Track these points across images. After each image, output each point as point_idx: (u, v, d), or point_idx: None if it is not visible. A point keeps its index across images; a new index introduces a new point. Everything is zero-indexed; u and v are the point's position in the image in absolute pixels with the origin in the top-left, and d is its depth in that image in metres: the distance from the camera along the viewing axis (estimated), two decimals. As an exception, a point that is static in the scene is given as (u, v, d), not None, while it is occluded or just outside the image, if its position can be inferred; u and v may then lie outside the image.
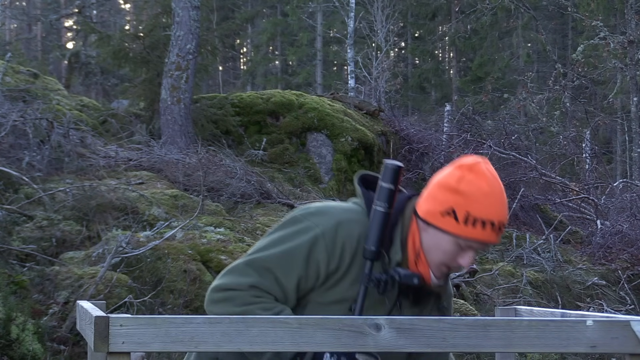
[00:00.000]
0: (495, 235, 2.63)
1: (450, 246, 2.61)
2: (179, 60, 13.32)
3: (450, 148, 14.48)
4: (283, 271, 2.59)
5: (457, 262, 2.64)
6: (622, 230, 12.11)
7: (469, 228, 2.59)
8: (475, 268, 9.81)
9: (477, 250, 2.65)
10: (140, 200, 9.13)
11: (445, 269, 2.66)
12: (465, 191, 2.60)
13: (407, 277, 2.58)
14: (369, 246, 2.57)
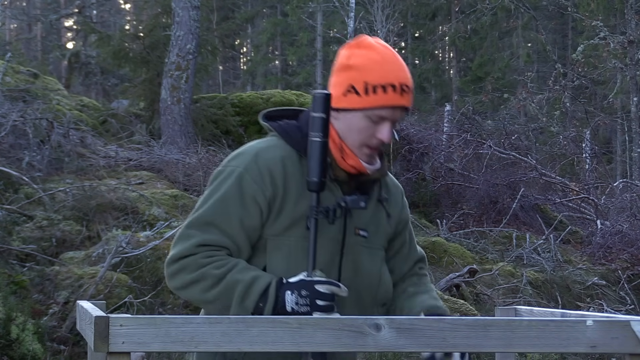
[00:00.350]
0: (399, 97, 2.65)
1: (362, 122, 2.62)
2: (179, 60, 13.32)
3: (450, 148, 14.48)
4: (223, 219, 2.60)
5: (376, 138, 2.64)
6: (622, 230, 12.11)
7: (371, 97, 2.60)
8: (475, 268, 9.81)
9: (390, 119, 2.64)
10: (140, 200, 9.13)
11: (367, 150, 2.65)
12: (357, 64, 2.63)
13: (354, 201, 2.58)
14: (311, 178, 2.56)
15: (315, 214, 2.55)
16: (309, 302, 2.48)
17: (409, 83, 2.71)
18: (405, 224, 2.85)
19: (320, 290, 2.49)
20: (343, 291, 2.51)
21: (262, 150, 2.67)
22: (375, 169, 2.70)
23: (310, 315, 2.48)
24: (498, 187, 13.21)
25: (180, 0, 13.39)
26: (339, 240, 2.65)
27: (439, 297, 2.91)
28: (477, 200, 13.11)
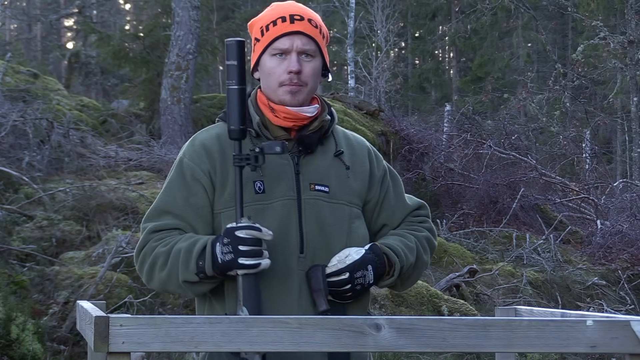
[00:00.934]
0: (289, 25, 2.68)
1: (270, 63, 2.67)
2: (179, 60, 13.32)
3: (450, 148, 14.48)
4: (170, 203, 2.66)
5: (285, 72, 2.66)
6: (622, 230, 12.11)
7: (265, 35, 2.68)
8: (475, 268, 9.81)
9: (294, 50, 2.67)
10: (140, 200, 9.13)
11: (285, 88, 2.66)
12: (256, 19, 2.76)
13: (270, 146, 2.58)
14: (231, 126, 2.58)
15: (237, 162, 2.56)
16: (231, 249, 2.48)
17: (302, 13, 2.72)
18: (381, 178, 2.80)
19: (240, 235, 2.48)
20: (266, 234, 2.49)
21: (200, 133, 2.77)
22: (309, 113, 2.70)
23: (236, 262, 2.47)
24: (498, 187, 13.21)
25: (180, 0, 13.39)
26: (293, 197, 2.66)
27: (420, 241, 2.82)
28: (477, 200, 13.11)
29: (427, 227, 2.84)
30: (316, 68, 2.70)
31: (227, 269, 2.50)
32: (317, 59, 2.71)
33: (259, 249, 2.49)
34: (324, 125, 2.74)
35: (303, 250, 2.64)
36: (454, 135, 14.81)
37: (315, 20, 2.73)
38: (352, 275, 2.59)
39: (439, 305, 8.46)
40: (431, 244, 2.83)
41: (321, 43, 2.71)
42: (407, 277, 2.77)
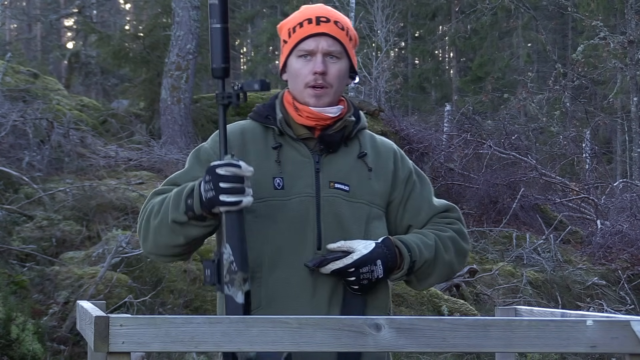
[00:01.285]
0: (316, 26, 2.72)
1: (296, 64, 2.71)
2: (179, 60, 13.33)
3: (450, 148, 14.48)
4: (180, 176, 2.74)
5: (310, 73, 2.69)
6: (622, 230, 12.11)
7: (292, 37, 2.73)
8: (475, 268, 9.81)
9: (319, 51, 2.70)
10: (140, 200, 9.13)
11: (310, 90, 2.70)
12: (285, 21, 2.83)
13: (249, 84, 2.58)
14: (213, 64, 2.59)
15: (220, 100, 2.57)
16: (212, 187, 2.48)
17: (328, 15, 2.75)
18: (405, 178, 2.80)
19: (220, 172, 2.49)
20: (245, 171, 2.49)
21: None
22: (331, 113, 2.72)
23: (217, 199, 2.48)
24: (498, 187, 13.20)
25: (180, 0, 13.39)
26: (312, 194, 2.68)
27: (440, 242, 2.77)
28: (477, 200, 13.11)
29: (455, 229, 2.80)
30: (342, 70, 2.73)
31: (210, 207, 2.51)
32: (343, 60, 2.73)
33: (240, 186, 2.48)
34: (348, 126, 2.75)
35: (320, 246, 2.66)
36: (454, 135, 14.81)
37: (343, 23, 2.75)
38: (358, 270, 2.59)
39: (439, 305, 8.46)
40: (456, 244, 2.78)
41: (347, 45, 2.74)
42: (425, 275, 2.74)
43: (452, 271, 2.81)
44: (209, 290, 7.54)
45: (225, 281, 2.51)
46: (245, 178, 2.49)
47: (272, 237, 2.66)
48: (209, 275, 2.54)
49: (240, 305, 2.49)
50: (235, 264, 2.50)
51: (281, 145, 2.72)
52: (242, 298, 2.49)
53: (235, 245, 2.50)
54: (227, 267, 2.51)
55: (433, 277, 2.76)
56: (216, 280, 2.52)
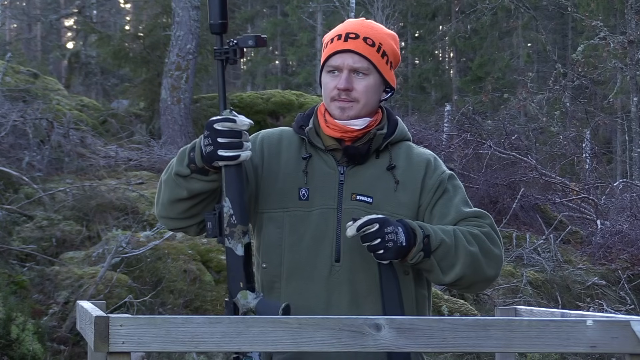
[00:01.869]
0: (342, 43, 2.74)
1: (325, 79, 2.76)
2: (179, 60, 13.33)
3: (450, 148, 14.47)
4: None
5: (335, 89, 2.73)
6: (622, 230, 12.10)
7: (324, 52, 2.78)
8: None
9: (345, 67, 2.73)
10: (140, 200, 9.13)
11: (336, 103, 2.73)
12: (326, 34, 2.84)
13: (243, 40, 2.63)
14: (210, 20, 2.62)
15: (218, 56, 2.61)
16: (210, 142, 2.53)
17: (359, 31, 2.76)
18: (435, 185, 2.76)
19: (218, 128, 2.53)
20: (241, 124, 2.53)
21: (265, 130, 2.89)
22: (356, 126, 2.73)
23: (216, 154, 2.51)
24: (498, 187, 13.20)
25: (180, 0, 13.39)
26: (332, 206, 2.69)
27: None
28: (477, 200, 13.09)
29: (482, 231, 2.70)
30: (370, 85, 2.74)
31: (210, 161, 2.54)
32: (371, 76, 2.74)
33: (237, 141, 2.52)
34: (376, 139, 2.76)
35: (339, 259, 2.67)
36: (454, 135, 14.80)
37: (375, 38, 2.75)
38: (383, 228, 2.54)
39: (439, 305, 8.46)
40: (482, 242, 2.68)
41: (377, 61, 2.74)
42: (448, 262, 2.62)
43: (480, 268, 2.67)
44: (208, 290, 7.54)
45: (225, 234, 2.56)
46: (242, 132, 2.53)
47: (293, 248, 2.68)
48: (210, 228, 2.59)
49: (240, 257, 2.55)
50: (235, 217, 2.55)
51: (311, 156, 2.75)
52: (242, 250, 2.54)
53: (234, 198, 2.54)
54: (227, 220, 2.55)
55: (458, 266, 2.63)
56: (217, 232, 2.58)
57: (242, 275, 2.55)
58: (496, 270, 2.72)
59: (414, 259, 2.60)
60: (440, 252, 2.61)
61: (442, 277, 2.65)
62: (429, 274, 2.68)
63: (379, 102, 2.80)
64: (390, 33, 2.83)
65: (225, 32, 2.63)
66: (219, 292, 7.46)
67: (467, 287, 2.74)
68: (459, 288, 2.77)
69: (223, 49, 2.62)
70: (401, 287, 2.67)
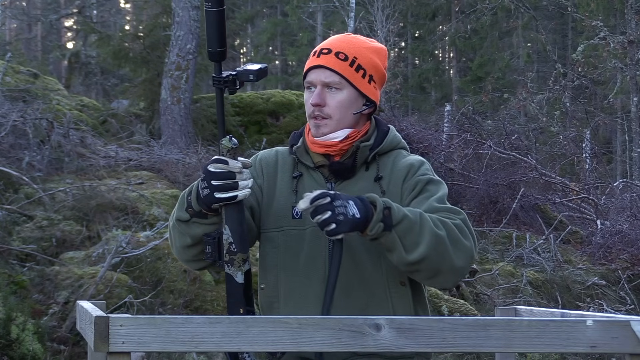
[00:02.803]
0: (315, 59, 2.74)
1: (305, 95, 2.78)
2: (179, 60, 13.33)
3: (450, 148, 14.47)
4: None
5: (311, 105, 2.73)
6: (622, 230, 12.10)
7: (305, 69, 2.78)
8: (475, 268, 9.81)
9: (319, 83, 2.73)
10: (140, 200, 9.13)
11: (312, 121, 2.74)
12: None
13: (243, 74, 2.61)
14: (209, 48, 2.60)
15: (217, 84, 2.59)
16: (207, 184, 2.50)
17: (331, 46, 2.76)
18: (412, 186, 2.73)
19: (211, 170, 2.51)
20: (232, 166, 2.50)
21: (263, 152, 2.90)
22: (336, 138, 2.72)
23: (213, 197, 2.49)
24: (498, 187, 13.20)
25: (180, 0, 13.39)
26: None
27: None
28: (477, 200, 13.10)
29: (454, 222, 2.65)
30: (343, 100, 2.72)
31: (208, 204, 2.53)
32: (344, 90, 2.73)
33: (231, 182, 2.49)
34: (362, 151, 2.74)
35: None
36: (454, 135, 14.80)
37: (348, 52, 2.74)
38: (333, 202, 2.47)
39: (439, 305, 8.46)
40: (449, 228, 2.61)
41: (350, 75, 2.72)
42: (412, 241, 2.54)
43: (447, 253, 2.58)
44: (208, 290, 7.54)
45: (225, 260, 2.55)
46: (236, 173, 2.50)
47: (288, 268, 2.69)
48: (210, 252, 2.59)
49: (240, 284, 2.55)
50: (235, 245, 2.55)
51: (302, 175, 2.75)
52: (242, 278, 2.55)
53: (234, 227, 2.54)
54: (226, 247, 2.55)
55: (423, 246, 2.54)
56: (216, 257, 2.58)
57: (242, 301, 2.55)
58: (465, 262, 2.63)
59: (374, 230, 2.51)
60: (402, 227, 2.53)
61: (405, 255, 2.54)
62: (392, 253, 2.57)
63: (358, 117, 2.76)
64: (373, 47, 2.79)
65: (223, 59, 2.61)
66: (219, 292, 7.46)
67: (433, 275, 2.60)
68: (423, 275, 2.61)
69: (222, 77, 2.60)
70: (397, 298, 2.67)
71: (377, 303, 2.66)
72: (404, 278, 2.69)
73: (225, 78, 2.59)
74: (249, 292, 2.57)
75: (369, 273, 2.65)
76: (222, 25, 2.59)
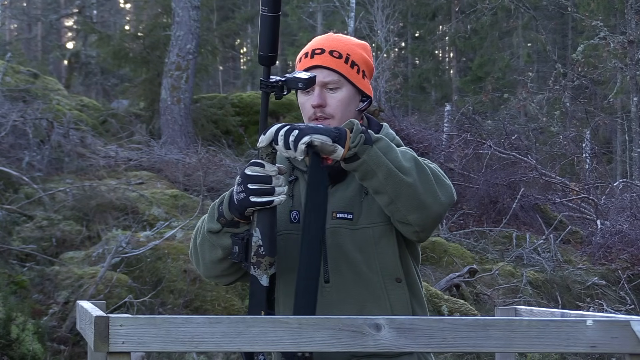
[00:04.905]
0: (310, 60, 2.72)
1: (300, 99, 2.74)
2: (179, 60, 13.33)
3: (450, 148, 14.48)
4: None
5: (311, 107, 2.70)
6: (622, 230, 12.11)
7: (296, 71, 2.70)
8: (475, 268, 9.81)
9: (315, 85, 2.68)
10: (140, 200, 9.13)
11: (314, 122, 2.69)
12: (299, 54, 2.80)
13: (292, 81, 2.58)
14: (260, 52, 2.59)
15: (264, 88, 2.59)
16: (243, 188, 2.49)
17: (324, 46, 2.74)
18: None
19: (248, 173, 2.49)
20: (269, 170, 2.47)
21: None
22: None
23: (248, 200, 2.47)
24: (498, 187, 13.21)
25: (180, 0, 13.39)
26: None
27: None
28: (477, 200, 13.11)
29: (428, 164, 2.59)
30: (343, 98, 2.71)
31: (242, 209, 2.50)
32: (343, 88, 2.71)
33: (268, 187, 2.48)
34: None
35: (329, 279, 2.66)
36: (454, 135, 14.81)
37: (342, 51, 2.73)
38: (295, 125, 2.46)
39: (439, 305, 8.46)
40: (428, 166, 2.56)
41: (347, 72, 2.71)
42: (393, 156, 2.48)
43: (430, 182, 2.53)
44: (208, 290, 7.54)
45: (252, 262, 2.54)
46: (272, 177, 2.48)
47: (286, 272, 2.67)
48: (237, 252, 2.57)
49: (264, 287, 2.54)
50: (264, 248, 2.53)
51: (297, 179, 2.74)
52: (267, 281, 2.54)
53: (265, 231, 2.53)
54: (254, 250, 2.54)
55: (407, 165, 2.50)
56: (243, 258, 2.56)
57: (264, 304, 2.54)
58: (448, 198, 2.56)
59: (355, 141, 2.45)
60: (383, 145, 2.48)
61: (392, 172, 2.48)
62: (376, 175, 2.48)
63: (356, 114, 2.76)
64: (359, 43, 2.80)
65: (273, 64, 2.60)
66: (219, 292, 7.46)
67: (417, 207, 2.52)
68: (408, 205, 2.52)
69: (270, 82, 2.58)
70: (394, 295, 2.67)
71: (374, 301, 2.65)
72: (399, 275, 2.69)
73: (273, 83, 2.58)
74: (272, 295, 2.56)
75: (363, 272, 2.65)
76: (276, 31, 2.59)
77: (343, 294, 2.66)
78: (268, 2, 2.58)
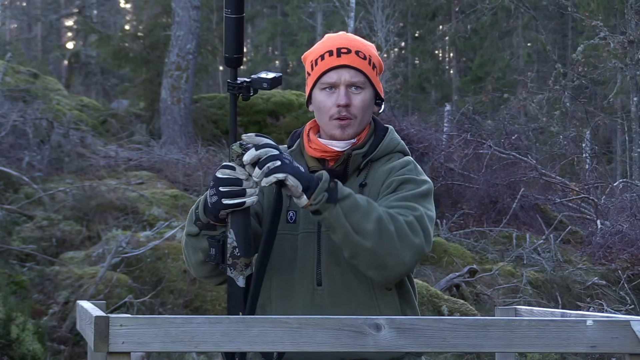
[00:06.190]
0: (337, 59, 2.71)
1: (320, 97, 2.71)
2: (179, 60, 13.33)
3: (450, 148, 14.47)
4: None
5: (335, 106, 2.68)
6: (622, 230, 12.10)
7: (315, 70, 2.72)
8: (475, 268, 9.81)
9: (342, 83, 2.69)
10: (140, 200, 9.13)
11: (335, 122, 2.69)
12: (308, 52, 2.80)
13: (258, 82, 2.61)
14: (226, 54, 2.61)
15: (231, 89, 2.62)
16: (215, 192, 2.51)
17: (349, 46, 2.73)
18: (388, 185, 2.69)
19: (219, 176, 2.51)
20: (238, 173, 2.49)
21: None
22: (337, 147, 2.70)
23: (220, 203, 2.49)
24: (498, 187, 13.20)
25: (180, 0, 13.39)
26: (313, 230, 2.68)
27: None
28: (477, 200, 13.11)
29: (405, 219, 2.55)
30: (366, 100, 2.71)
31: (216, 211, 2.51)
32: (366, 90, 2.72)
33: (238, 189, 2.49)
34: (355, 159, 2.72)
35: (321, 282, 2.65)
36: (454, 135, 14.81)
37: (364, 51, 2.73)
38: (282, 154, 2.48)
39: (439, 305, 8.46)
40: (398, 223, 2.52)
41: (370, 74, 2.72)
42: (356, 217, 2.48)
43: (393, 244, 2.50)
44: (208, 290, 7.54)
45: (228, 263, 2.56)
46: (242, 180, 2.50)
47: (280, 272, 2.68)
48: (213, 254, 2.59)
49: (241, 288, 2.55)
50: (238, 249, 2.55)
51: None
52: (243, 282, 2.55)
53: (239, 232, 2.54)
54: (230, 251, 2.56)
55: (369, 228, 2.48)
56: (220, 260, 2.58)
57: (242, 305, 2.56)
58: (411, 258, 2.54)
59: (317, 199, 2.46)
60: (348, 204, 2.48)
61: (349, 233, 2.49)
62: (336, 232, 2.51)
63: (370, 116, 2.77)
64: (371, 44, 2.81)
65: (240, 66, 2.62)
66: (219, 292, 7.46)
67: (376, 267, 2.53)
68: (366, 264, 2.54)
69: (236, 83, 2.63)
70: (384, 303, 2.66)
71: (364, 309, 2.64)
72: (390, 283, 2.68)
73: (239, 84, 2.61)
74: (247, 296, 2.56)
75: (354, 279, 2.65)
76: (241, 32, 2.59)
77: (334, 297, 2.66)
78: (231, 4, 2.56)
